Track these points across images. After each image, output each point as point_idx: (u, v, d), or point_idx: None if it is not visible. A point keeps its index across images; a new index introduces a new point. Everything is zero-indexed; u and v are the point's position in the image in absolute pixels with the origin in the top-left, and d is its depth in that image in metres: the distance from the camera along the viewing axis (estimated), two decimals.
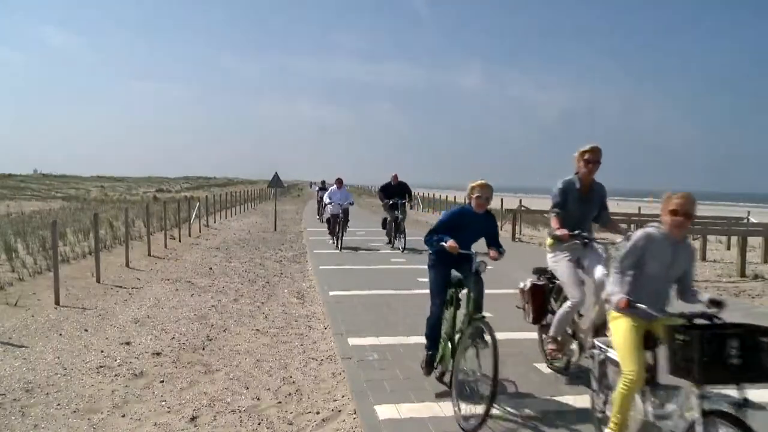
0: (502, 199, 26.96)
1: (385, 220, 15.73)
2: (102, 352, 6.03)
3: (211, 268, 11.64)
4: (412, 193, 15.19)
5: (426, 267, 4.96)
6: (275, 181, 22.09)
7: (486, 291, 4.87)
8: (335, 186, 15.76)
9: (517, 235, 18.54)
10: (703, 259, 14.19)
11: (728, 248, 17.27)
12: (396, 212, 14.37)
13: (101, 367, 5.55)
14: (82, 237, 15.06)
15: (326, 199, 15.69)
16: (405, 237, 14.07)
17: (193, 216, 20.21)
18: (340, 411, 4.51)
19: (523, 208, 20.98)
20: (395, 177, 14.91)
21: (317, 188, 23.78)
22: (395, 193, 14.56)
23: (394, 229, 14.66)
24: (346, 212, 15.07)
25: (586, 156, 4.95)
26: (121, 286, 9.61)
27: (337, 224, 14.95)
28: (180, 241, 16.37)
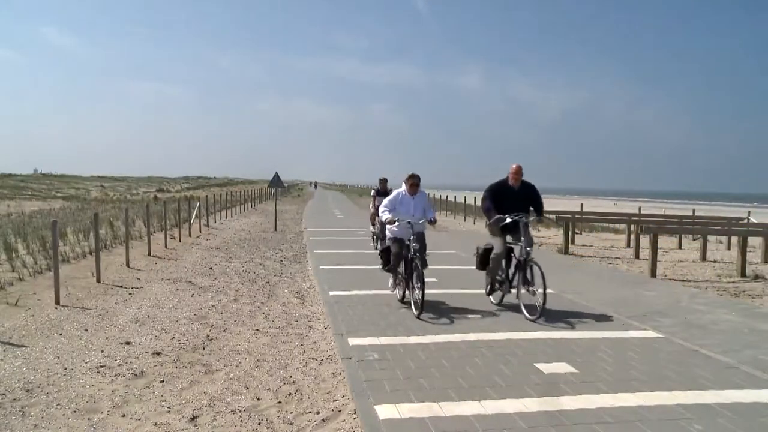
0: None
1: (486, 254, 8.17)
2: (102, 351, 6.03)
3: (211, 268, 11.64)
4: (542, 204, 8.13)
5: None
6: (275, 181, 22.11)
7: (481, 291, 4.92)
8: (404, 189, 8.12)
9: None
10: (703, 259, 14.19)
11: (728, 248, 17.27)
12: (519, 241, 7.62)
13: (101, 366, 5.55)
14: (82, 237, 15.07)
15: (384, 213, 8.02)
16: (545, 288, 7.14)
17: (194, 216, 20.21)
18: (340, 411, 4.51)
19: None
20: (516, 172, 7.89)
21: (372, 192, 14.57)
22: (515, 203, 7.80)
23: (515, 271, 7.78)
24: (421, 238, 7.93)
25: None
26: (121, 286, 9.61)
27: (406, 262, 7.89)
28: (180, 240, 16.37)
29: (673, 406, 4.49)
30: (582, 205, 24.47)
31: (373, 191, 14.63)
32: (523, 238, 7.53)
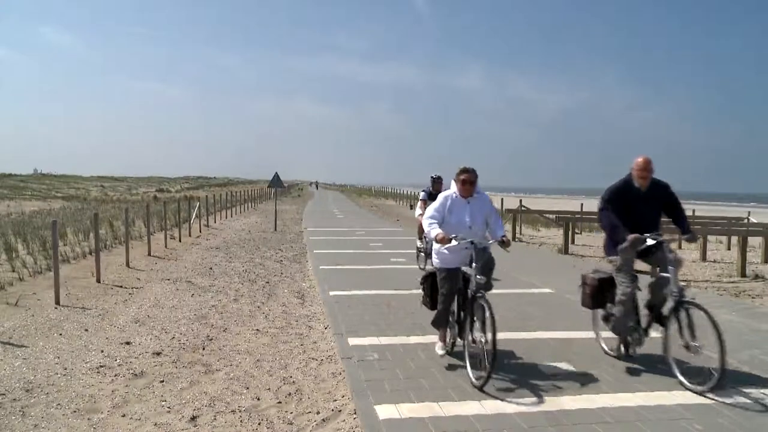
0: (502, 199, 26.98)
1: (603, 286, 5.74)
2: (102, 351, 6.03)
3: (211, 268, 11.64)
4: (684, 212, 5.64)
5: None
6: (275, 181, 22.14)
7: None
8: (454, 190, 5.49)
9: (517, 235, 18.54)
10: (704, 259, 14.19)
11: (728, 248, 17.27)
12: (664, 270, 5.20)
13: (101, 366, 5.55)
14: (82, 237, 15.08)
15: (432, 227, 5.26)
16: (723, 346, 4.61)
17: (193, 216, 20.22)
18: (340, 411, 4.51)
19: (523, 208, 21.00)
20: (644, 168, 5.39)
21: (422, 195, 11.17)
22: (645, 213, 5.44)
23: (669, 315, 5.10)
24: (489, 266, 5.33)
25: None
26: (121, 286, 9.61)
27: (463, 299, 5.35)
28: (180, 241, 16.37)
29: (673, 406, 4.49)
30: (582, 205, 24.48)
31: (422, 193, 11.14)
32: (671, 267, 5.06)
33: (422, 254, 11.24)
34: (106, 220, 18.25)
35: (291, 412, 4.52)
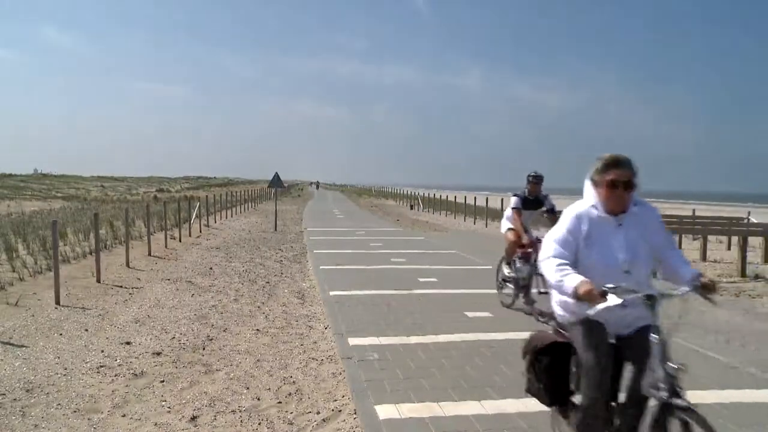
0: (502, 200, 27.00)
1: None
2: (102, 351, 6.03)
3: (211, 268, 11.64)
4: None
5: None
6: (275, 181, 22.15)
7: (481, 291, 4.90)
8: (592, 203, 3.01)
9: None
10: (704, 259, 14.20)
11: (728, 248, 17.27)
12: None
13: (101, 366, 5.56)
14: (82, 237, 15.08)
15: (563, 276, 2.76)
16: None
17: (194, 216, 20.22)
18: (340, 411, 4.51)
19: None
20: None
21: (514, 201, 7.58)
22: None
23: None
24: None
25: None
26: (121, 286, 9.61)
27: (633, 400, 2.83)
28: (180, 241, 16.37)
29: None
30: None
31: (513, 198, 7.71)
32: None
33: (509, 286, 7.82)
34: (106, 220, 18.24)
35: (291, 412, 4.52)
